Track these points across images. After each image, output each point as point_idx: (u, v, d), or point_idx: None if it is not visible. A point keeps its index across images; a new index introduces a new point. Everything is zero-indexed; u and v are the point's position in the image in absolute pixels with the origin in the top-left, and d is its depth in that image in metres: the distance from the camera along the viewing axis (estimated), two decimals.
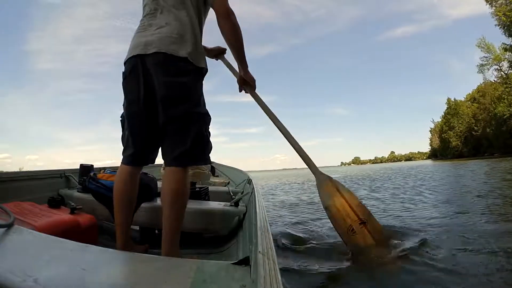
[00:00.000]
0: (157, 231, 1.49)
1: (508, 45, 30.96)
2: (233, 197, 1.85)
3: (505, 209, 3.10)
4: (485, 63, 36.08)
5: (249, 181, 2.23)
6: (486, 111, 41.31)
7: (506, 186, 5.19)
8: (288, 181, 13.55)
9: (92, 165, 1.91)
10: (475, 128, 45.65)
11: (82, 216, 1.28)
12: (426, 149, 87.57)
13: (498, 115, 34.85)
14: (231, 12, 1.08)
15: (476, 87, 47.60)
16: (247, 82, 1.31)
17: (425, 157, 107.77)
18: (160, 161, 1.16)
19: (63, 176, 1.97)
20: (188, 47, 1.02)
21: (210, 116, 1.11)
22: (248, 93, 1.31)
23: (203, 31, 1.15)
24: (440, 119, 57.50)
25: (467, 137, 48.11)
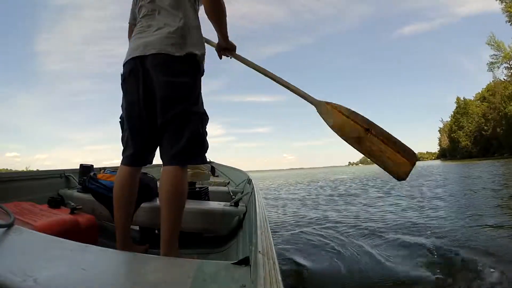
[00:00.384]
0: (157, 231, 1.49)
1: None
2: (233, 197, 1.85)
3: None
4: (495, 61, 35.17)
5: (249, 181, 2.23)
6: (496, 110, 40.57)
7: None
8: (296, 181, 13.06)
9: (92, 165, 1.91)
10: (485, 128, 44.74)
11: (82, 216, 1.28)
12: (434, 149, 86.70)
13: (508, 114, 34.08)
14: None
15: (485, 86, 46.65)
16: (228, 48, 1.30)
17: (434, 157, 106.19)
18: (160, 161, 1.16)
19: (63, 176, 1.97)
20: (187, 47, 1.03)
21: (207, 115, 1.12)
22: (230, 56, 1.32)
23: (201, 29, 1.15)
24: (449, 119, 56.56)
25: (477, 137, 47.13)
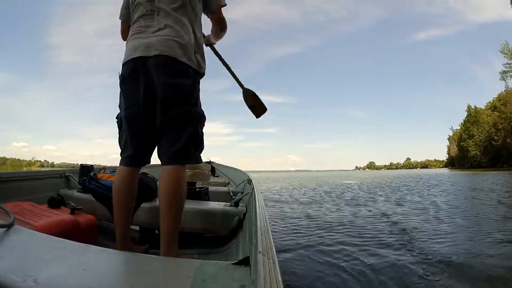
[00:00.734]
0: (157, 231, 1.48)
1: None
2: (233, 197, 1.85)
3: None
4: (508, 69, 34.26)
5: (249, 181, 2.23)
6: (507, 120, 39.69)
7: None
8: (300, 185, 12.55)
9: (92, 165, 1.91)
10: (495, 137, 43.62)
11: (82, 216, 1.28)
12: (443, 157, 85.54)
13: None
14: (225, 21, 1.28)
15: (497, 95, 45.89)
16: (213, 43, 1.41)
17: (442, 165, 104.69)
18: (159, 161, 1.16)
19: (63, 176, 1.97)
20: (189, 50, 1.05)
21: (205, 116, 1.14)
22: (207, 46, 1.42)
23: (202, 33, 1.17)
24: (459, 127, 55.45)
25: (487, 146, 45.96)
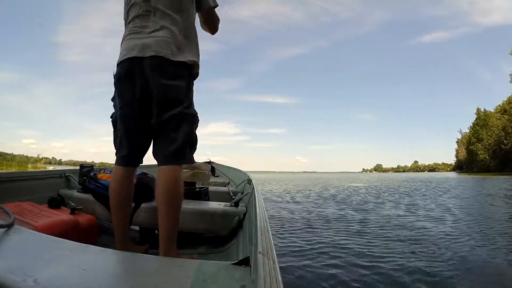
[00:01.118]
0: (157, 231, 1.48)
1: None
2: (233, 197, 1.85)
3: None
4: None
5: (249, 181, 2.23)
6: None
7: None
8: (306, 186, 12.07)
9: (92, 165, 1.91)
10: (505, 141, 43.28)
11: (82, 216, 1.28)
12: (451, 160, 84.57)
13: None
14: (216, 22, 1.27)
15: (506, 98, 45.53)
16: None
17: (450, 169, 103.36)
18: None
19: (63, 176, 1.97)
20: (184, 53, 1.05)
21: (198, 118, 1.15)
22: None
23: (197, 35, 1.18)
24: (468, 130, 54.77)
25: (496, 150, 45.44)
